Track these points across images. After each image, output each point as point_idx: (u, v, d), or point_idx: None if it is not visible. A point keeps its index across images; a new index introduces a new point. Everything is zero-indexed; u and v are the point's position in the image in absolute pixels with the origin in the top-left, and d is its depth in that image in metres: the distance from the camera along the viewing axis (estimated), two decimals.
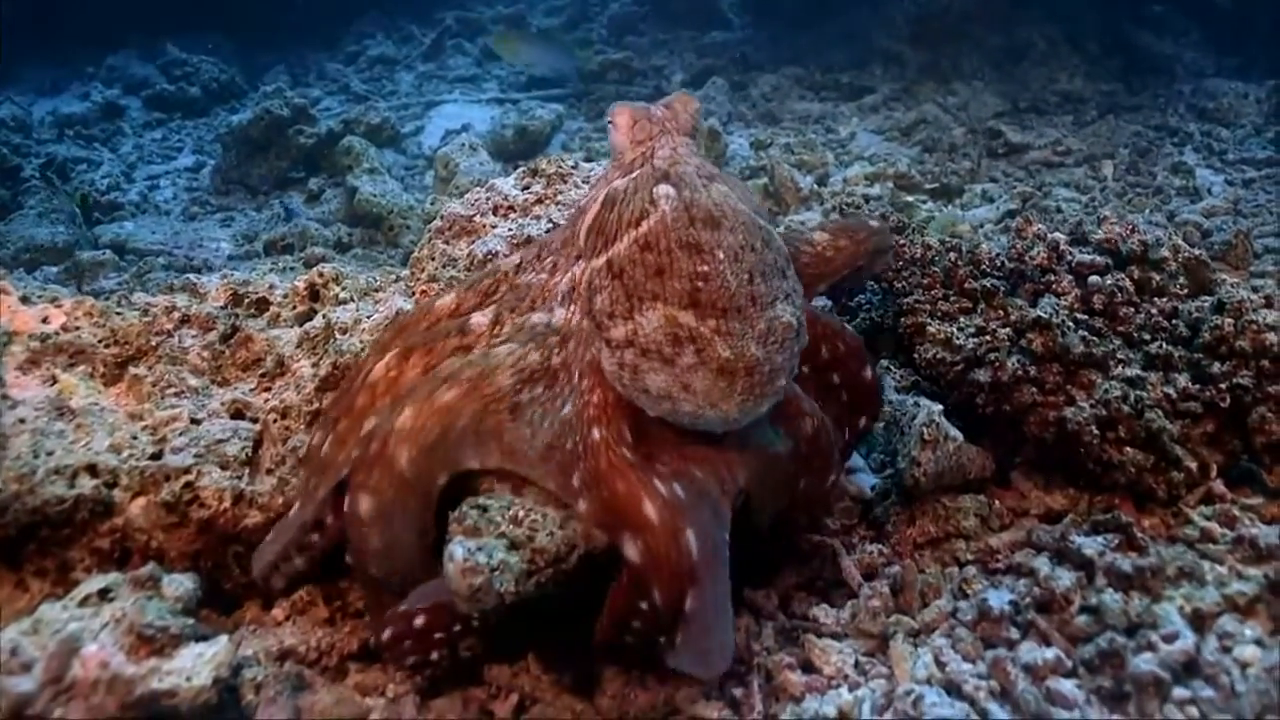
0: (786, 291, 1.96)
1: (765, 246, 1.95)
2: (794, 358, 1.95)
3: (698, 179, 1.99)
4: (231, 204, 5.76)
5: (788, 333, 1.93)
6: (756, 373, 1.88)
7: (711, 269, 1.87)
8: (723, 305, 1.87)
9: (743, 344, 1.87)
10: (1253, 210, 4.66)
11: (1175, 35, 7.27)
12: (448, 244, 2.86)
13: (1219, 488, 2.52)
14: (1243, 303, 2.62)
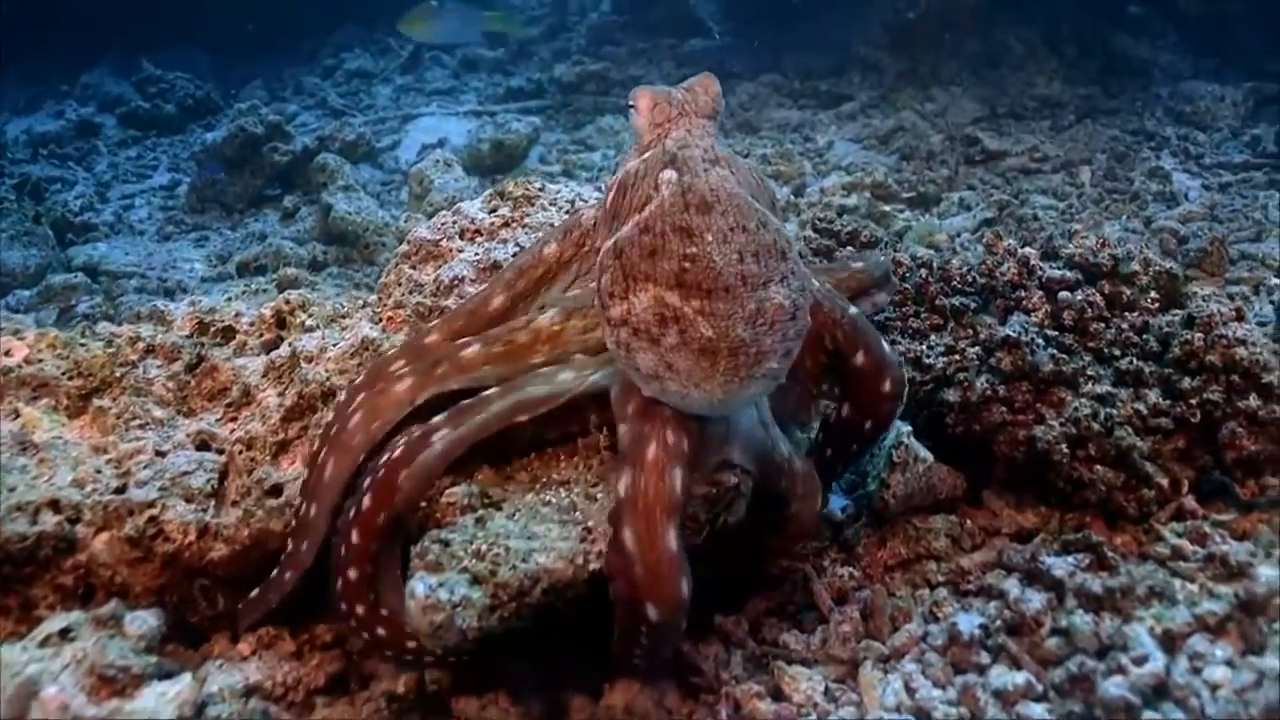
0: (784, 274, 1.92)
1: (761, 228, 1.93)
2: (788, 341, 1.92)
3: (701, 163, 1.99)
4: (207, 222, 5.73)
5: (779, 314, 1.90)
6: (741, 354, 1.87)
7: (699, 250, 1.87)
8: (708, 286, 1.86)
9: (727, 324, 1.86)
10: (1229, 215, 4.66)
11: (1152, 37, 7.28)
12: (414, 269, 2.84)
13: (1191, 503, 2.50)
14: (1213, 317, 2.61)
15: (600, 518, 2.05)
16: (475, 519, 2.09)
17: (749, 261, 1.88)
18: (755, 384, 1.92)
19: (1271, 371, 2.55)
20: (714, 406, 1.94)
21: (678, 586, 1.91)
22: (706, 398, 1.91)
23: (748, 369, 1.88)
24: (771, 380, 1.95)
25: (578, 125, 6.94)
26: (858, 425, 2.31)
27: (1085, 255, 2.84)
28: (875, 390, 2.26)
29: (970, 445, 2.62)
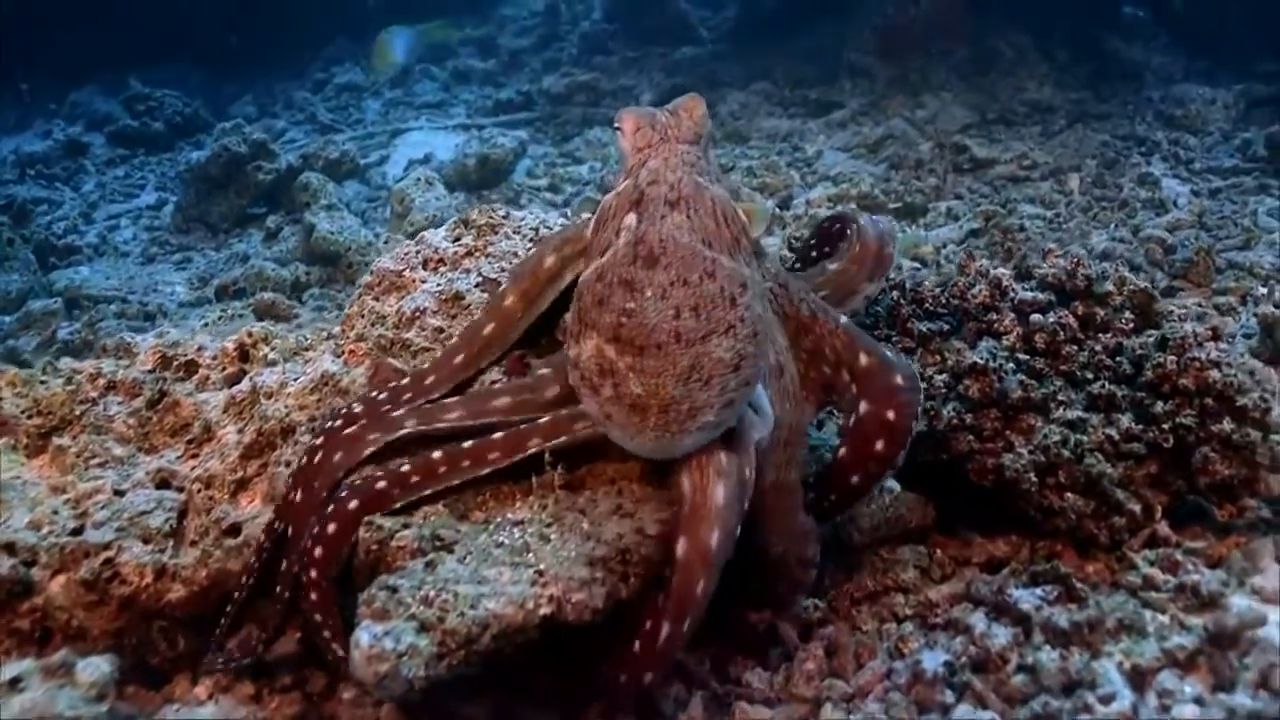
0: (729, 323, 1.95)
1: (706, 279, 1.96)
2: (729, 392, 1.94)
3: (662, 206, 2.03)
4: (191, 243, 5.71)
5: (717, 368, 1.92)
6: (672, 410, 1.91)
7: (636, 306, 1.93)
8: (640, 343, 1.92)
9: (657, 382, 1.91)
10: (1217, 222, 4.60)
11: (1144, 40, 7.21)
12: (377, 300, 2.81)
13: (1164, 530, 2.46)
14: (1186, 339, 2.56)
15: (553, 559, 2.02)
16: (425, 563, 2.05)
17: (686, 317, 1.92)
18: (691, 436, 1.94)
19: (1246, 394, 2.50)
20: (653, 455, 2.01)
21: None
22: (640, 448, 1.99)
23: (679, 424, 1.92)
24: (713, 429, 1.96)
25: (566, 138, 6.90)
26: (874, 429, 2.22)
27: (1059, 275, 2.79)
28: (889, 385, 2.22)
29: (941, 472, 2.57)
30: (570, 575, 1.98)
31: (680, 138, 2.17)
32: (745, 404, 2.05)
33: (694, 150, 2.17)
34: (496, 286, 2.72)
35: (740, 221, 2.14)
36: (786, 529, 2.22)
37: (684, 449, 1.98)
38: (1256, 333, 3.51)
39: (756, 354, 2.00)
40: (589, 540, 2.06)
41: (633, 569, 2.04)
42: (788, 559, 2.24)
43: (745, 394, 2.00)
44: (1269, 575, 2.32)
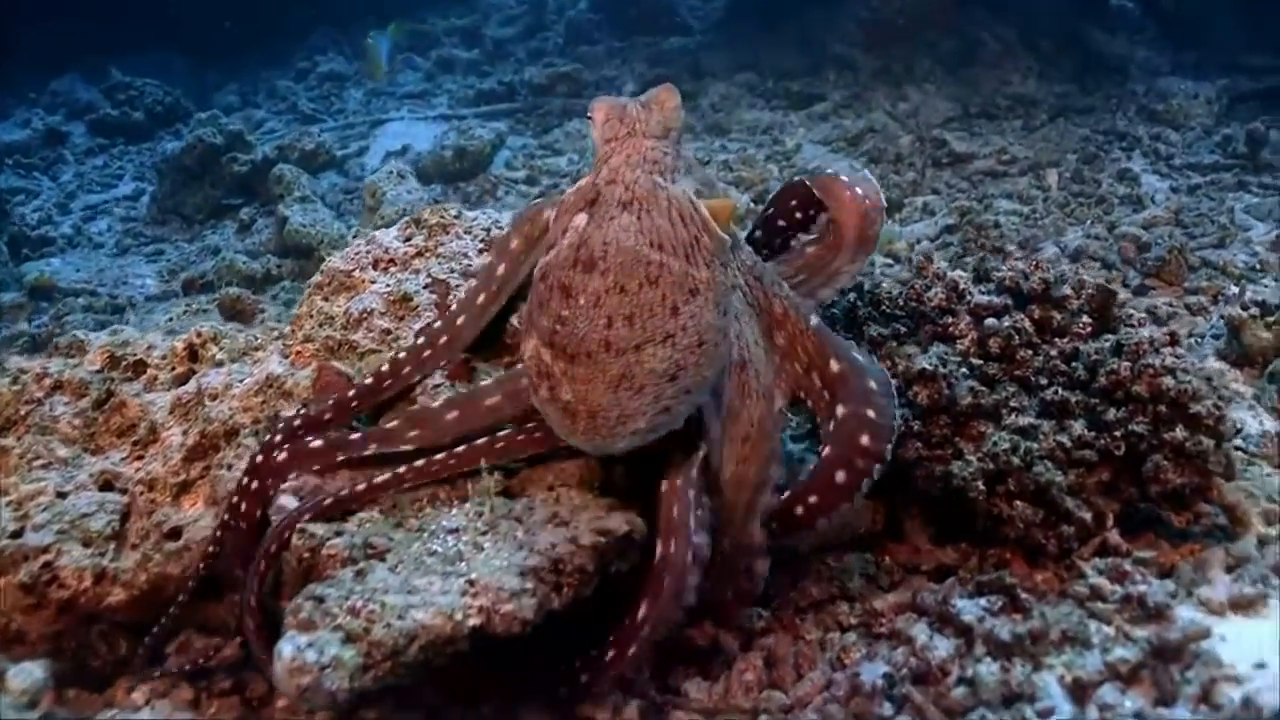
0: (668, 332, 1.94)
1: (646, 285, 1.95)
2: (666, 400, 1.96)
3: (614, 207, 2.02)
4: (166, 234, 5.67)
5: (649, 379, 1.94)
6: (600, 418, 1.95)
7: (570, 313, 1.95)
8: (571, 351, 1.94)
9: (587, 389, 1.94)
10: (1194, 220, 4.56)
11: (1130, 32, 7.15)
12: (326, 300, 2.78)
13: (1114, 538, 2.43)
14: (1140, 344, 2.53)
15: (485, 569, 1.99)
16: (355, 572, 2.03)
17: (618, 326, 1.92)
18: (623, 441, 1.97)
19: (1200, 401, 2.46)
20: (591, 451, 2.07)
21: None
22: (577, 445, 2.05)
23: (608, 429, 1.97)
24: (649, 435, 1.98)
25: (546, 129, 6.85)
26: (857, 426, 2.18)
27: (1016, 278, 2.76)
28: (864, 389, 2.19)
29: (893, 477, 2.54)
30: (500, 586, 1.95)
31: (648, 132, 2.14)
32: (691, 408, 2.04)
33: (661, 146, 2.14)
34: (446, 288, 2.69)
35: (701, 220, 2.08)
36: (740, 527, 2.19)
37: (619, 450, 2.02)
38: (1224, 334, 3.47)
39: (702, 363, 1.98)
40: (522, 549, 2.03)
41: (565, 579, 2.02)
42: (735, 564, 2.21)
43: (687, 400, 2.00)
44: (1217, 586, 2.30)
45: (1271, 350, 3.33)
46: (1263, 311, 3.40)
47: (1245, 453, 2.89)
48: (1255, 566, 2.35)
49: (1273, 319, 3.36)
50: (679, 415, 2.02)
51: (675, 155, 2.17)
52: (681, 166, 2.19)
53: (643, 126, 2.14)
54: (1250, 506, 2.57)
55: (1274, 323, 3.35)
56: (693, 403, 2.03)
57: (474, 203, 5.74)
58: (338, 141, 6.95)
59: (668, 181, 2.10)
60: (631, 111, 2.17)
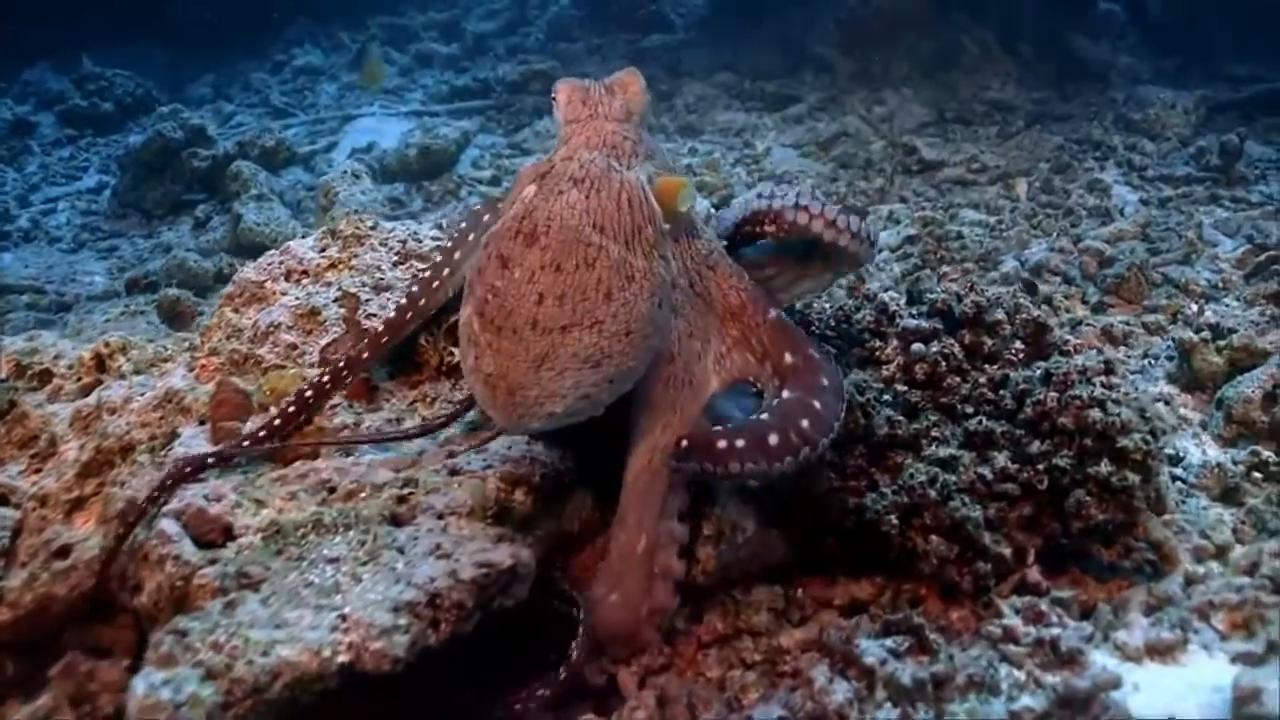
0: (598, 318, 1.89)
1: (583, 267, 1.90)
2: (587, 387, 1.91)
3: (564, 182, 1.99)
4: (123, 230, 5.58)
5: (573, 362, 1.88)
6: (519, 395, 1.89)
7: (503, 285, 1.90)
8: (498, 323, 1.89)
9: (509, 364, 1.88)
10: (1161, 234, 4.46)
11: (1113, 38, 7.03)
12: (236, 312, 2.70)
13: (1034, 575, 2.34)
14: (1069, 374, 2.44)
15: (359, 602, 1.91)
16: (225, 604, 1.95)
17: (549, 304, 1.87)
18: (538, 422, 1.93)
19: (1129, 434, 2.37)
20: (507, 428, 2.02)
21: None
22: (495, 418, 1.98)
23: (525, 408, 1.90)
24: (565, 419, 1.94)
25: (517, 128, 6.75)
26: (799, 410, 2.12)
27: (949, 301, 2.67)
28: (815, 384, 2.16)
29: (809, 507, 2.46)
30: (371, 622, 1.87)
31: (610, 115, 2.14)
32: (613, 397, 1.98)
33: (622, 130, 2.13)
34: (356, 302, 2.61)
35: (649, 211, 2.04)
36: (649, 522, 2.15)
37: (532, 430, 2.06)
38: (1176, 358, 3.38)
39: (627, 353, 1.93)
40: (399, 583, 1.95)
41: (443, 615, 1.93)
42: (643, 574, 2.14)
43: (609, 390, 1.95)
44: (1134, 630, 2.21)
45: (1222, 375, 3.24)
46: (1214, 335, 3.31)
47: (1184, 483, 2.81)
48: (1176, 609, 2.25)
49: (1224, 343, 3.27)
50: (599, 403, 1.96)
51: (636, 140, 2.16)
52: (642, 152, 2.16)
53: (605, 109, 2.15)
54: (1179, 543, 2.48)
55: (1225, 347, 3.26)
56: (615, 392, 1.97)
57: (436, 202, 5.66)
58: (307, 137, 6.86)
59: (624, 166, 2.08)
60: (594, 93, 2.19)
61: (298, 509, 2.17)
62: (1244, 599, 2.25)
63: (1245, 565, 2.42)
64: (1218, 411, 3.09)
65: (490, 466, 2.27)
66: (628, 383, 2.00)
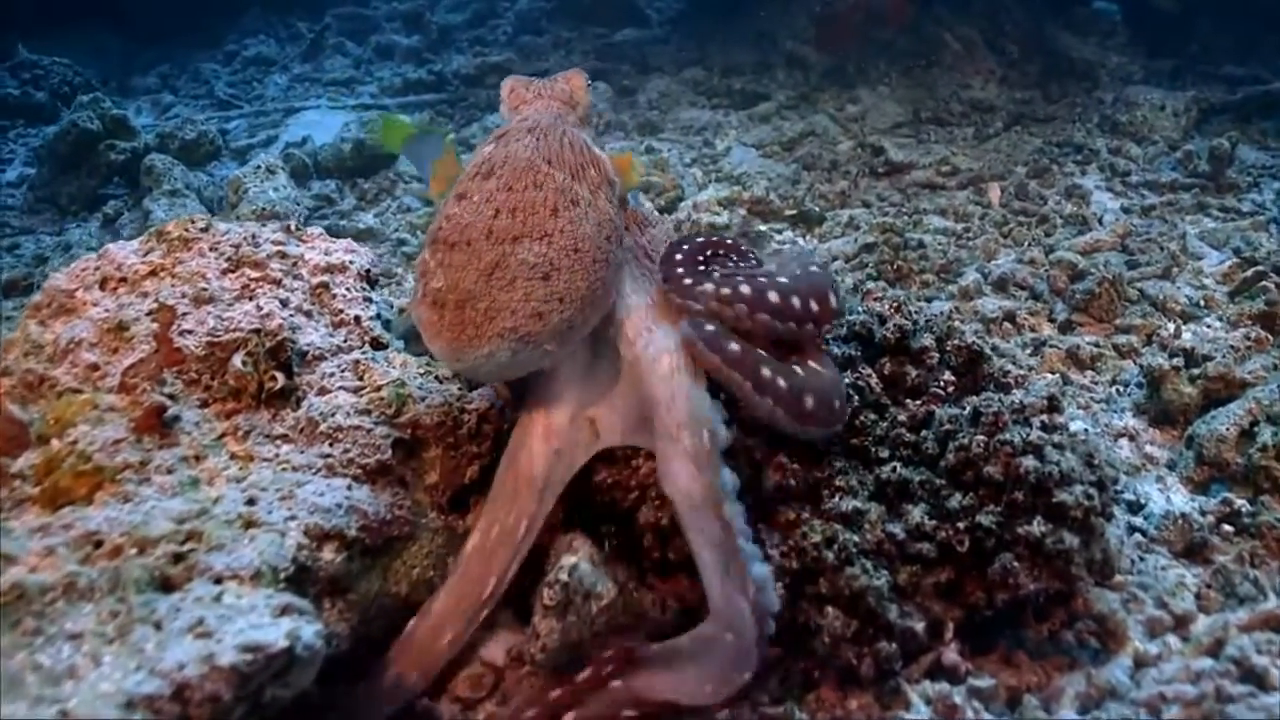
0: (546, 232, 1.88)
1: (532, 188, 1.93)
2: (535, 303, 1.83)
3: (517, 132, 2.06)
4: (34, 225, 5.20)
5: (522, 269, 1.84)
6: (469, 307, 1.83)
7: (459, 210, 1.92)
8: (452, 240, 1.89)
9: (459, 275, 1.85)
10: (1141, 246, 4.07)
11: (1101, 36, 6.63)
12: (42, 325, 2.31)
13: (950, 656, 1.96)
14: (1000, 415, 2.06)
15: (88, 695, 1.53)
16: None
17: (502, 218, 1.88)
18: (487, 343, 1.82)
19: (1069, 487, 1.99)
20: (453, 365, 1.90)
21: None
22: (440, 353, 1.88)
23: (475, 325, 1.82)
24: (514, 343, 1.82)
25: (468, 122, 6.36)
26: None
27: (869, 324, 2.30)
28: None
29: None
30: None
31: (555, 96, 2.26)
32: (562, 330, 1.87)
33: (565, 110, 2.22)
34: (171, 315, 2.24)
35: (593, 156, 2.09)
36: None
37: (482, 361, 1.84)
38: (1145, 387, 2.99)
39: (576, 270, 1.88)
40: (140, 670, 1.57)
41: (194, 710, 1.55)
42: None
43: (558, 313, 1.85)
44: None
45: (1194, 408, 2.85)
46: (1187, 362, 2.93)
47: (1143, 535, 2.43)
48: (1119, 704, 1.87)
49: (1198, 372, 2.88)
50: (549, 333, 1.85)
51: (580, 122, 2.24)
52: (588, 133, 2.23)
53: (549, 92, 2.26)
54: (1129, 615, 2.11)
55: (1199, 376, 2.87)
56: (564, 319, 1.86)
57: (370, 200, 5.28)
58: (247, 131, 6.48)
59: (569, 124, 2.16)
60: (539, 84, 2.30)
61: (52, 568, 1.79)
62: (1203, 693, 1.87)
63: (1208, 644, 2.05)
64: (1188, 450, 2.70)
65: (294, 517, 1.90)
66: (575, 309, 1.88)
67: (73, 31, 8.31)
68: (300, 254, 2.44)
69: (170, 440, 2.04)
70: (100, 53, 8.30)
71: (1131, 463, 2.72)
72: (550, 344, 1.86)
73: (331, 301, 2.38)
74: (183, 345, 2.18)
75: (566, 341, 1.90)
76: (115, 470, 1.96)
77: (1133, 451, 2.78)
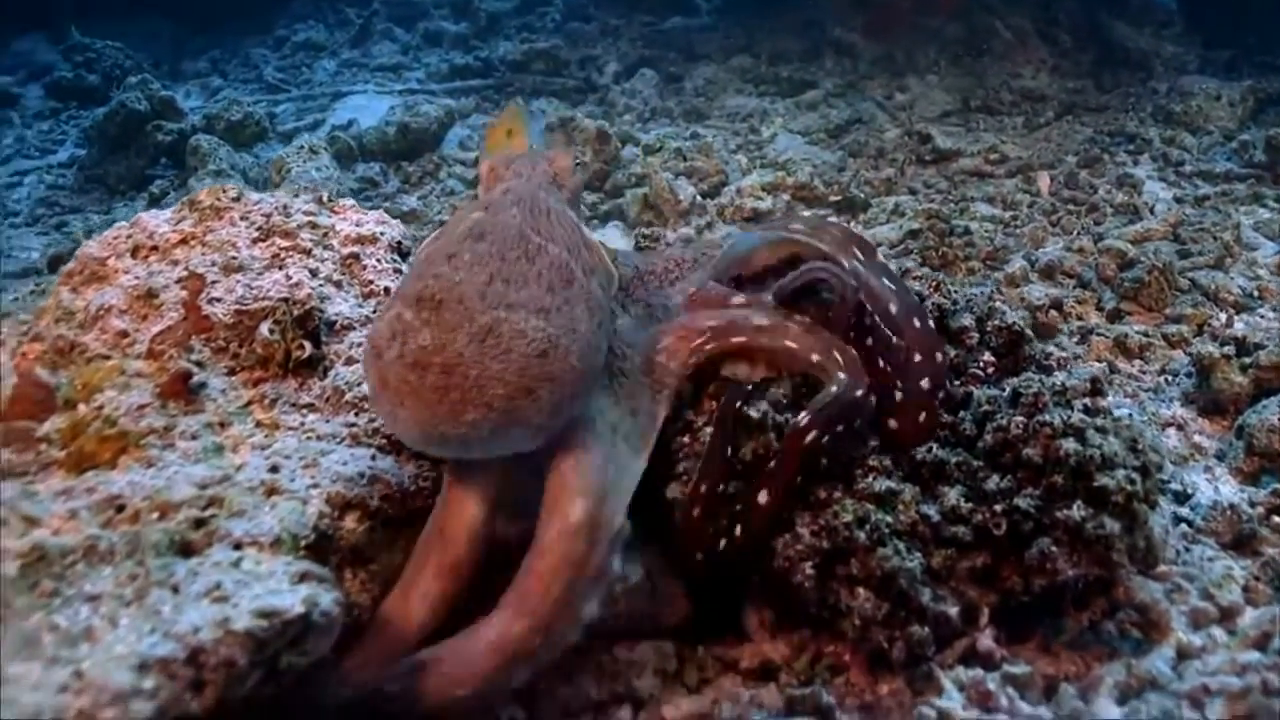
0: (544, 306, 1.72)
1: (524, 260, 1.78)
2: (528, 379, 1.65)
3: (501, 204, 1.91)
4: (83, 205, 5.26)
5: (518, 340, 1.66)
6: (455, 374, 1.62)
7: (449, 269, 1.74)
8: (441, 298, 1.70)
9: (448, 336, 1.65)
10: (1193, 235, 3.96)
11: (1156, 26, 6.49)
12: (74, 292, 2.32)
13: (985, 642, 1.91)
14: (1040, 396, 2.00)
15: (103, 656, 1.52)
16: None
17: (497, 284, 1.72)
18: (472, 413, 1.63)
19: (1111, 471, 1.93)
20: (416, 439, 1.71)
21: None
22: (407, 424, 1.67)
23: (460, 395, 1.62)
24: (497, 425, 1.65)
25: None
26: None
27: None
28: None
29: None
30: (106, 683, 1.47)
31: (538, 176, 2.07)
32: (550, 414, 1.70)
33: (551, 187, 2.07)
34: (201, 283, 2.23)
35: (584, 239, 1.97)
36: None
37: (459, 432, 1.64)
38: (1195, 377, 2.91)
39: (573, 351, 1.72)
40: (154, 633, 1.55)
41: (208, 674, 1.53)
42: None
43: (549, 394, 1.68)
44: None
45: (1245, 398, 2.77)
46: (1239, 351, 2.84)
47: (1190, 526, 2.35)
48: (1160, 695, 1.81)
49: (1249, 361, 2.79)
50: (537, 411, 1.68)
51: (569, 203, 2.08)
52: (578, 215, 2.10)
53: (531, 170, 2.09)
54: (1173, 606, 2.04)
55: (1250, 365, 2.78)
56: (554, 402, 1.69)
57: (414, 184, 5.28)
58: (294, 114, 6.51)
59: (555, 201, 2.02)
60: (519, 161, 2.13)
61: (75, 530, 1.78)
62: (1248, 685, 1.80)
63: (1255, 636, 1.97)
64: (1238, 441, 2.62)
65: (317, 485, 1.88)
66: (566, 395, 1.72)
67: (125, 17, 8.40)
68: (331, 225, 2.43)
69: (196, 406, 2.03)
70: (152, 38, 8.39)
71: (1179, 452, 2.65)
72: (537, 423, 1.69)
73: (362, 272, 2.37)
74: (211, 313, 2.17)
75: (547, 429, 1.72)
76: (140, 435, 1.95)
77: (1181, 441, 2.70)
